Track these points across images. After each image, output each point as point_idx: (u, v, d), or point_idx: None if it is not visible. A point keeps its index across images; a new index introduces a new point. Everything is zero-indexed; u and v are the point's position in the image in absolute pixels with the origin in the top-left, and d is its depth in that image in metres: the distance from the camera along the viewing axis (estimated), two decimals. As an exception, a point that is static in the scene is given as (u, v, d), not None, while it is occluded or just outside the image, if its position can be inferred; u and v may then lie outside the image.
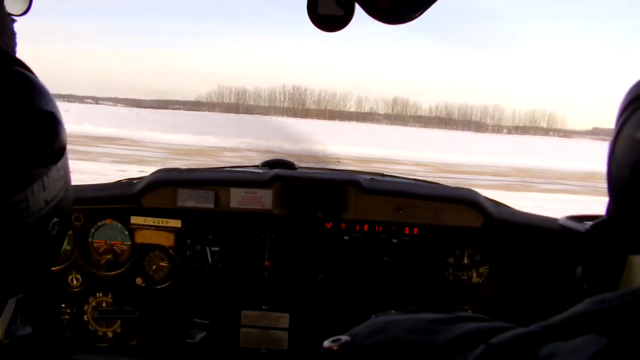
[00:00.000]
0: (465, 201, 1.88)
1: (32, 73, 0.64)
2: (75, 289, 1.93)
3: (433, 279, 1.91)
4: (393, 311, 0.75)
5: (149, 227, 1.90)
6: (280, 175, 1.90)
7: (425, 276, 1.91)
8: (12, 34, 0.71)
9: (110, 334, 1.96)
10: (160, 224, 1.90)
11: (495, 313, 1.83)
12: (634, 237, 0.58)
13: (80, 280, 1.93)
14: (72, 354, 1.94)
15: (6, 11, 0.71)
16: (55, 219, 0.66)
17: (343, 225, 1.90)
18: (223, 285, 1.93)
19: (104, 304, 1.94)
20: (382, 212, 1.88)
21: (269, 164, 2.08)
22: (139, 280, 1.91)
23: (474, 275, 1.91)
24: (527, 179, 15.26)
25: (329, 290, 1.92)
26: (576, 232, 1.84)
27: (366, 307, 1.90)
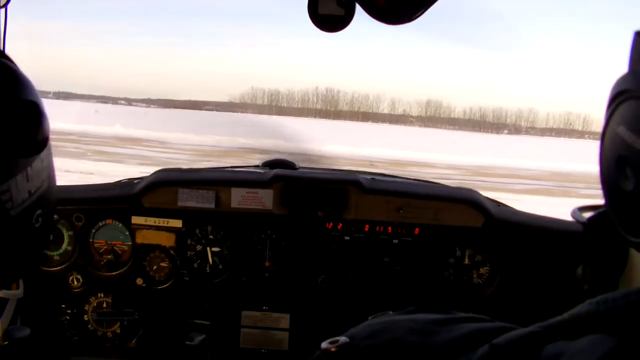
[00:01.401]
0: (466, 201, 1.86)
1: (13, 63, 0.64)
2: (76, 290, 1.94)
3: (434, 280, 1.90)
4: (390, 312, 0.75)
5: (150, 227, 1.91)
6: (281, 175, 1.90)
7: (426, 277, 1.90)
8: None
9: (110, 334, 1.96)
10: (161, 224, 1.90)
11: (496, 313, 1.79)
12: (626, 230, 0.58)
13: (81, 280, 1.93)
14: (70, 355, 1.95)
15: None
16: (39, 211, 0.66)
17: (344, 225, 1.89)
18: (223, 285, 1.93)
19: (104, 305, 1.94)
20: (382, 212, 1.87)
21: (270, 164, 2.07)
22: (139, 281, 1.92)
23: (475, 275, 1.89)
24: (565, 184, 14.72)
25: (330, 290, 1.91)
26: (577, 232, 1.80)
27: (367, 308, 1.88)
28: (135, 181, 2.02)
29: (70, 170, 10.41)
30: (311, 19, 0.92)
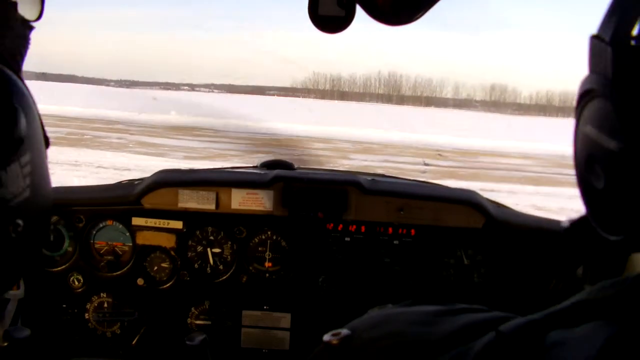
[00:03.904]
0: (466, 202, 1.87)
1: None
2: (77, 290, 1.94)
3: (434, 280, 1.90)
4: (390, 305, 0.76)
5: (150, 228, 1.90)
6: (281, 176, 1.90)
7: (427, 277, 1.90)
8: (25, 39, 0.69)
9: (110, 335, 1.96)
10: (161, 225, 1.90)
11: None
12: (604, 230, 0.59)
13: (82, 281, 1.93)
14: (71, 356, 1.95)
15: (20, 16, 0.70)
16: (20, 221, 0.62)
17: (344, 226, 1.90)
18: (224, 285, 1.93)
19: (105, 305, 1.95)
20: (383, 213, 1.88)
21: (268, 165, 2.08)
22: (140, 281, 1.92)
23: (475, 276, 1.89)
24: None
25: (330, 290, 1.91)
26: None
27: (367, 308, 1.87)
28: (136, 182, 2.02)
29: (103, 166, 9.85)
30: (311, 20, 0.92)
